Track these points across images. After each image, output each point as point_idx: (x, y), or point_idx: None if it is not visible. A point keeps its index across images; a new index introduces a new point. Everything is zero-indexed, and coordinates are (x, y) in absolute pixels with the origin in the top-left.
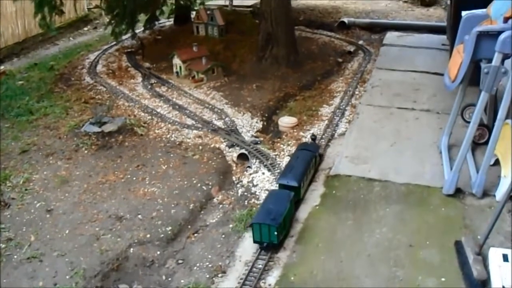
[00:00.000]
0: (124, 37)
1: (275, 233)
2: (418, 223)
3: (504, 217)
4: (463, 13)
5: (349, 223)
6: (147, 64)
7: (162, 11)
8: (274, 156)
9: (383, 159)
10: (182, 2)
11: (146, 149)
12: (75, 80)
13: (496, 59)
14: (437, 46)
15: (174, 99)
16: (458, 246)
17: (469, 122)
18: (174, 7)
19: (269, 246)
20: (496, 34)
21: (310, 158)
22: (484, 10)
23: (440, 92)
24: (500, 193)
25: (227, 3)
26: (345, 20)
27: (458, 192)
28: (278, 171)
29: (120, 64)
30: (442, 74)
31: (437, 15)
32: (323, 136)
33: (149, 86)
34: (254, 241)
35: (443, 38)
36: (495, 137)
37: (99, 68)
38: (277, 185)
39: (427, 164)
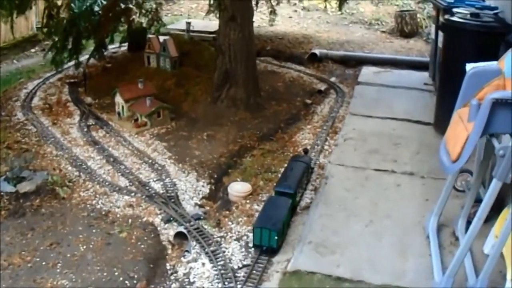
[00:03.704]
0: (69, 64)
1: (276, 237)
2: None
3: None
4: (468, 66)
5: None
6: (89, 99)
7: (112, 38)
8: (219, 239)
9: (356, 248)
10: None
11: (65, 220)
12: (5, 115)
13: None
14: (418, 86)
15: (110, 149)
16: None
17: (460, 191)
18: (126, 34)
19: (268, 250)
20: None
21: (303, 168)
22: (494, 63)
23: (424, 148)
24: None
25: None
26: (317, 52)
27: None
28: (222, 263)
29: (60, 97)
30: (425, 123)
31: (417, 48)
32: None
33: (85, 129)
34: (254, 245)
35: (425, 76)
36: (504, 237)
37: (36, 101)
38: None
39: (410, 255)
